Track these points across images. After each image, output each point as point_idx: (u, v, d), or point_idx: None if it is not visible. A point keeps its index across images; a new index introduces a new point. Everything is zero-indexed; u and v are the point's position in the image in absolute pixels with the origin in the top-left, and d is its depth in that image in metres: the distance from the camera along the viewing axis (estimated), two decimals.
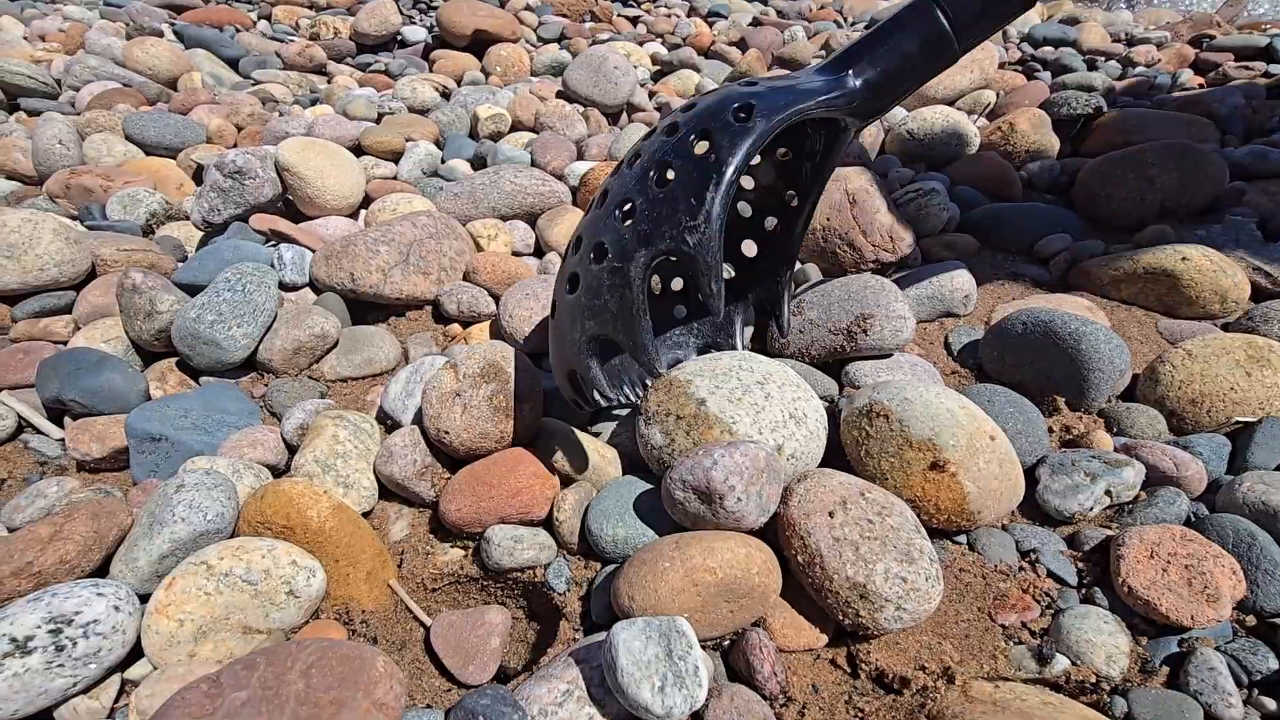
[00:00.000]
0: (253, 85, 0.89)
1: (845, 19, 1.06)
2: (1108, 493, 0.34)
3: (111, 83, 0.83)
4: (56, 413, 0.39)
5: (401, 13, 1.09)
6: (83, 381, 0.38)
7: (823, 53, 0.93)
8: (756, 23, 1.01)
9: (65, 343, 0.43)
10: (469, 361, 0.35)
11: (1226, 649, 0.27)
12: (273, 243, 0.50)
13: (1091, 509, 0.34)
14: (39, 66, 0.85)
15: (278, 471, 0.36)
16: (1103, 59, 0.89)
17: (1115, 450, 0.36)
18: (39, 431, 0.39)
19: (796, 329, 0.44)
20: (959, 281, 0.50)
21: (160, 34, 1.00)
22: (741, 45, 0.93)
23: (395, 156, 0.64)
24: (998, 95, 0.80)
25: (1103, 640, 0.28)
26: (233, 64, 0.98)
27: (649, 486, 0.34)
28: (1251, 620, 0.29)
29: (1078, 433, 0.38)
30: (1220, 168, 0.60)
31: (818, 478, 0.31)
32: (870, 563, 0.27)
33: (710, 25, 1.03)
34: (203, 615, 0.27)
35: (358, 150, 0.65)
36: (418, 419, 0.36)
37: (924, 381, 0.36)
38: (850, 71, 0.35)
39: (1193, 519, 0.33)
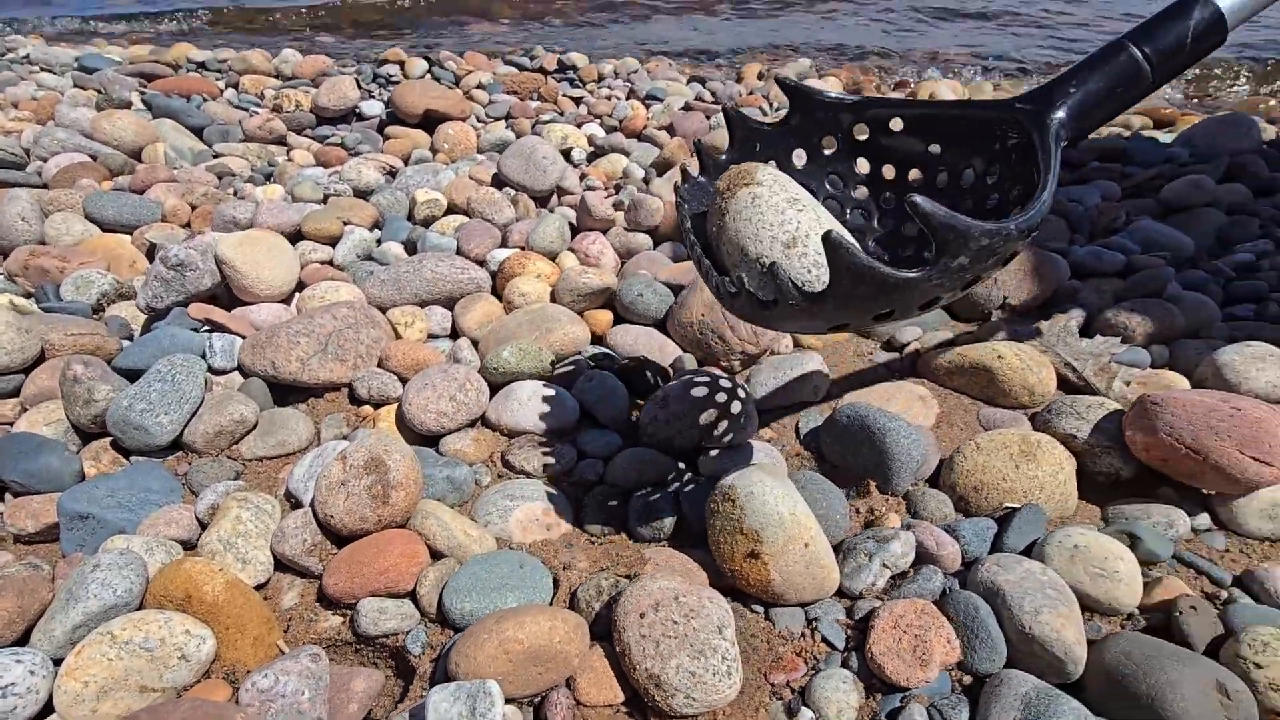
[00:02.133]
0: (212, 158, 0.97)
1: (771, 105, 1.17)
2: (885, 566, 0.41)
3: (78, 155, 0.90)
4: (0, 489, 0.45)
5: (360, 87, 1.18)
6: (22, 464, 0.44)
7: None
8: (688, 108, 1.12)
9: (12, 424, 0.49)
10: (355, 454, 0.42)
11: (934, 703, 0.34)
12: (207, 329, 0.57)
13: (875, 584, 0.41)
14: (9, 138, 0.92)
15: (190, 546, 0.42)
16: None
17: (900, 529, 0.44)
18: None
19: (662, 420, 0.51)
20: (811, 371, 0.58)
21: (129, 104, 1.08)
22: (671, 130, 1.03)
23: (333, 241, 0.72)
24: None
25: (838, 697, 0.35)
26: (198, 132, 1.06)
27: (507, 563, 0.41)
28: (968, 679, 0.36)
29: (878, 515, 0.46)
30: (1059, 267, 0.70)
31: (644, 583, 0.38)
32: (666, 659, 0.34)
33: (647, 108, 1.14)
34: (105, 677, 0.33)
35: (299, 235, 0.72)
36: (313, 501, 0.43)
37: (775, 478, 0.43)
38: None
39: (946, 593, 0.40)
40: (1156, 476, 0.48)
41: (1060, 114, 0.39)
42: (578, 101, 1.16)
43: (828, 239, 0.33)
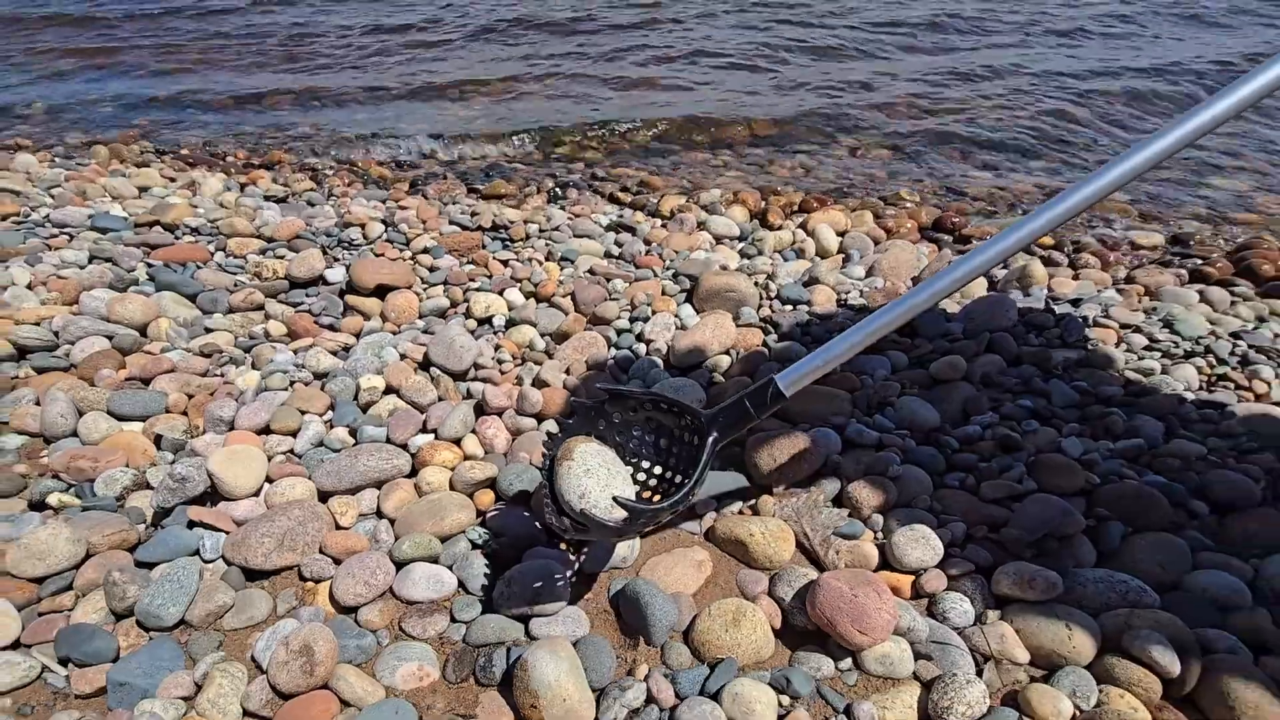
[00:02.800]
0: (204, 331, 1.23)
1: (665, 263, 1.44)
2: (624, 706, 0.66)
3: (99, 339, 1.16)
4: (64, 660, 0.70)
5: (325, 253, 1.45)
6: (82, 647, 0.68)
7: (629, 309, 1.29)
8: (592, 271, 1.39)
9: (71, 611, 0.74)
10: (294, 641, 0.67)
11: None
12: (199, 527, 0.82)
13: (617, 718, 0.66)
14: (42, 327, 1.18)
15: (189, 698, 0.67)
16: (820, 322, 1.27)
17: (640, 679, 0.69)
18: (54, 673, 0.69)
19: (507, 595, 0.76)
20: (626, 542, 0.83)
21: (136, 280, 1.34)
22: (574, 297, 1.30)
23: (294, 433, 0.98)
24: (735, 356, 1.16)
25: None
26: (192, 298, 1.33)
27: (390, 709, 0.66)
28: None
29: (634, 664, 0.71)
30: (830, 442, 0.96)
31: None
32: None
33: (561, 269, 1.41)
34: None
35: (269, 428, 0.98)
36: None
37: (553, 651, 0.67)
38: None
39: None
40: (825, 631, 0.73)
41: (714, 434, 0.74)
42: (505, 264, 1.43)
43: (583, 512, 0.68)
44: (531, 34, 4.85)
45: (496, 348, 1.17)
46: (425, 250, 1.44)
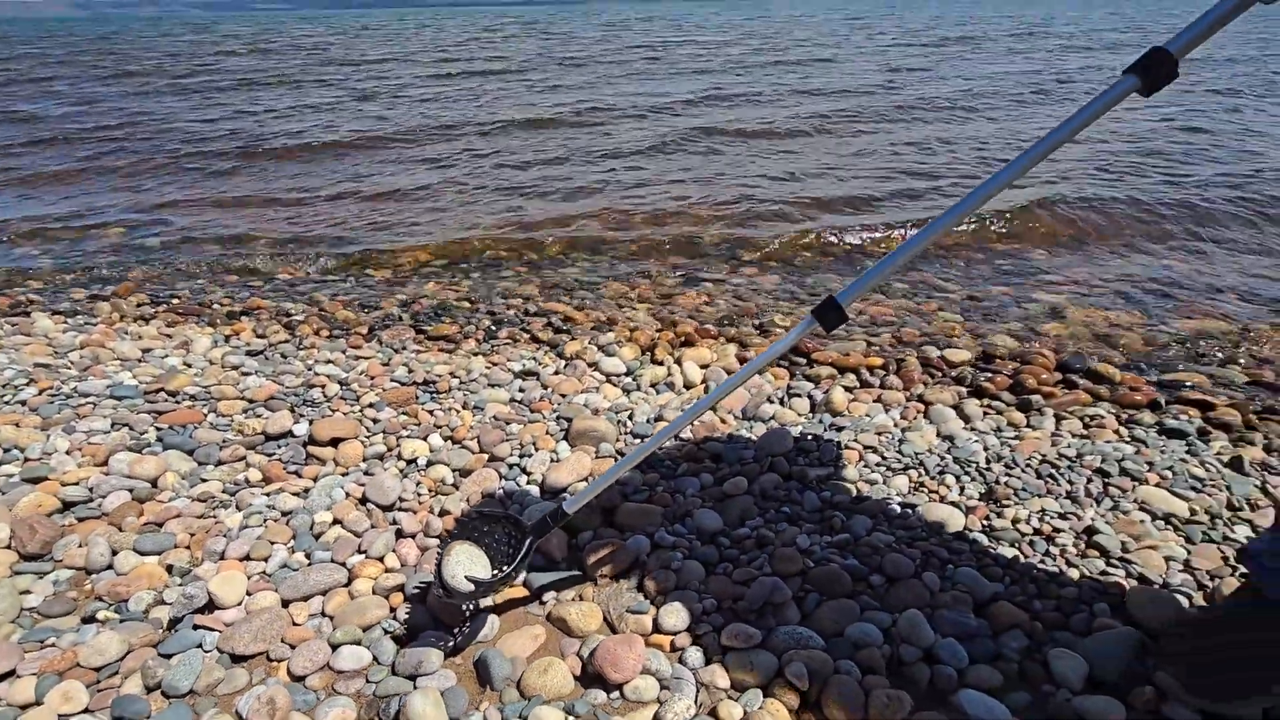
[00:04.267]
0: (200, 481, 1.71)
1: (553, 406, 1.96)
2: None
3: (123, 493, 1.64)
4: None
5: (293, 411, 1.95)
6: (126, 710, 1.13)
7: (519, 448, 1.80)
8: (495, 417, 1.90)
9: (119, 687, 1.18)
10: (263, 697, 1.12)
11: None
12: (201, 629, 1.27)
13: None
14: (80, 486, 1.65)
15: None
16: None
17: (484, 711, 1.13)
18: None
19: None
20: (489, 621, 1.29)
21: (149, 442, 1.83)
22: (479, 440, 1.81)
23: (266, 558, 1.44)
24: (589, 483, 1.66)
25: None
26: (191, 453, 1.81)
27: None
28: None
29: (483, 704, 1.16)
30: (639, 545, 1.44)
31: None
32: None
33: (473, 416, 1.92)
34: None
35: (249, 555, 1.44)
36: None
37: (430, 695, 1.13)
38: None
39: None
40: (601, 674, 1.19)
41: (530, 537, 1.21)
42: (431, 413, 1.94)
43: (444, 584, 1.19)
44: (487, 171, 5.61)
45: (418, 484, 1.66)
46: (371, 405, 1.95)
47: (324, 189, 5.37)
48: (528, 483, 1.66)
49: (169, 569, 1.43)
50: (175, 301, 3.25)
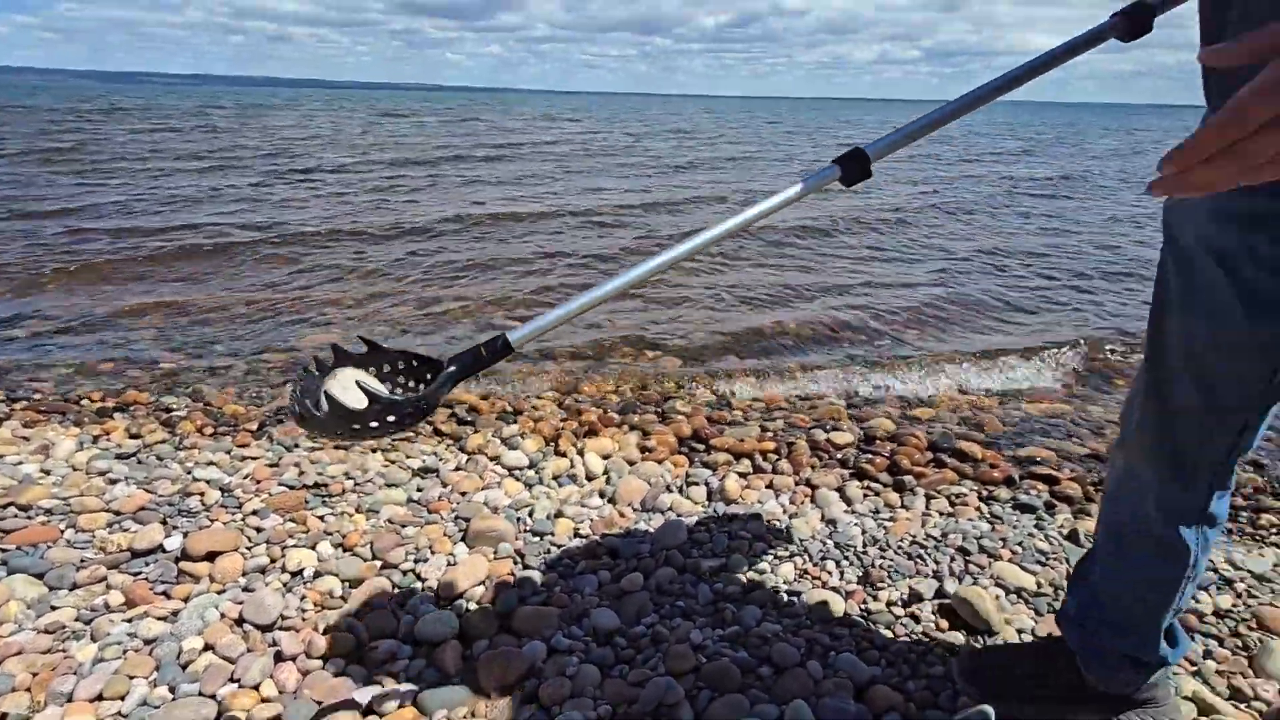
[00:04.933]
0: (50, 609, 1.56)
1: (452, 505, 1.94)
2: None
3: None
4: None
5: (166, 523, 1.83)
6: None
7: (414, 553, 1.75)
8: (390, 521, 1.86)
9: None
10: None
11: None
12: None
13: None
14: None
15: None
16: None
17: None
18: None
19: None
20: None
21: None
22: (372, 546, 1.75)
23: (122, 697, 1.32)
24: (488, 586, 1.64)
25: None
26: (41, 577, 1.65)
27: None
28: None
29: None
30: (535, 651, 1.43)
31: None
32: None
33: (367, 520, 1.87)
34: None
35: (101, 696, 1.32)
36: None
37: None
38: None
39: None
40: None
41: (452, 367, 0.91)
42: (321, 518, 1.87)
43: (330, 397, 0.85)
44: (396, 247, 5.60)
45: (302, 598, 1.58)
46: (255, 512, 1.86)
47: (219, 278, 5.17)
48: (423, 590, 1.62)
49: (3, 715, 1.28)
50: (37, 397, 2.99)
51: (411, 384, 1.00)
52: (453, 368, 0.92)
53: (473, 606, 1.57)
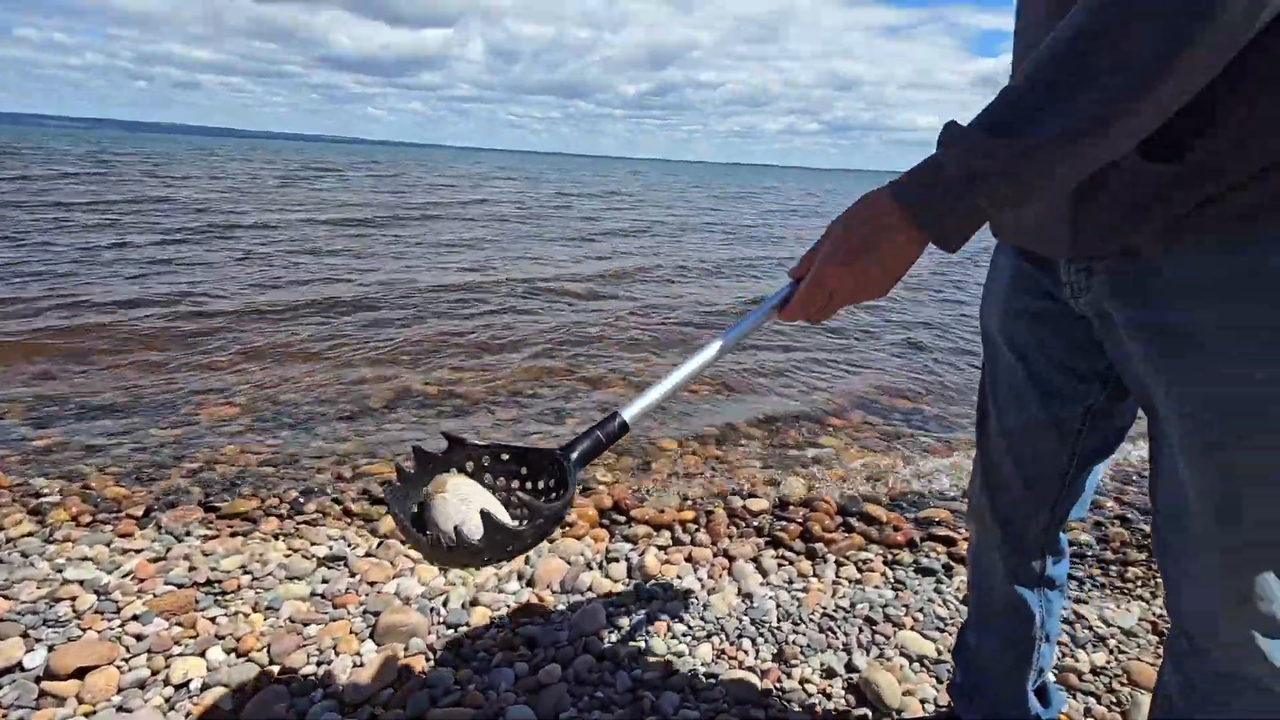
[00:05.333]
0: None
1: (360, 598, 1.85)
2: None
3: None
4: None
5: (27, 635, 1.64)
6: None
7: (317, 653, 1.65)
8: (291, 619, 1.74)
9: None
10: None
11: None
12: None
13: None
14: None
15: None
16: None
17: None
18: None
19: None
20: None
21: None
22: (269, 649, 1.63)
23: None
24: (397, 686, 1.55)
25: None
26: None
27: None
28: None
29: None
30: None
31: None
32: None
33: (265, 619, 1.74)
34: None
35: None
36: None
37: None
38: None
39: None
40: None
41: (575, 457, 0.81)
42: (213, 620, 1.73)
43: (483, 513, 0.71)
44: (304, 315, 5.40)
45: (187, 715, 1.45)
46: (135, 617, 1.70)
47: (105, 344, 4.81)
48: (325, 695, 1.52)
49: None
50: None
51: (501, 480, 0.87)
52: (573, 457, 0.82)
53: (381, 712, 1.49)
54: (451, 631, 1.73)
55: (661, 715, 1.49)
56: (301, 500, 2.57)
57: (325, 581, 1.92)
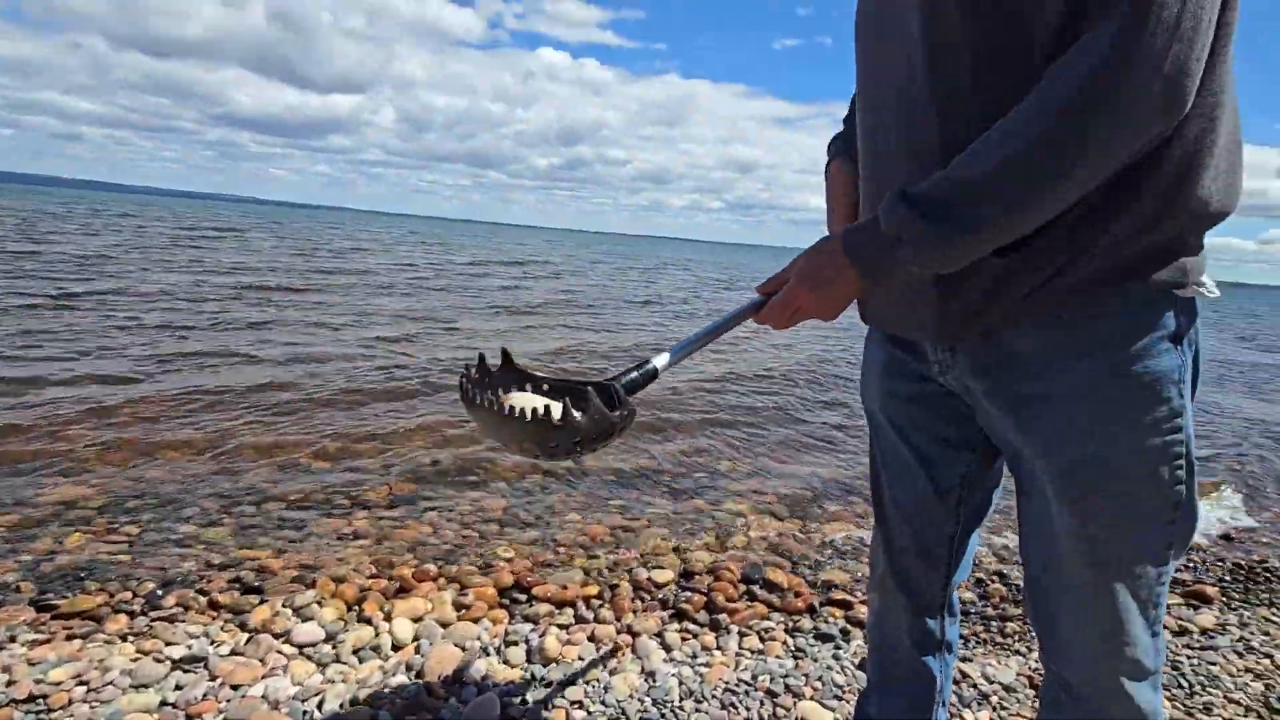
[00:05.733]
0: None
1: (220, 704, 1.64)
2: None
3: None
4: None
5: None
6: None
7: None
8: None
9: None
10: None
11: None
12: None
13: None
14: None
15: None
16: None
17: None
18: None
19: None
20: None
21: None
22: None
23: None
24: None
25: None
26: None
27: None
28: None
29: None
30: None
31: None
32: None
33: None
34: None
35: None
36: None
37: None
38: None
39: None
40: None
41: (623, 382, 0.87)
42: None
43: (575, 390, 0.84)
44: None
45: None
46: None
47: None
48: None
49: None
50: None
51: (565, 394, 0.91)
52: (622, 383, 0.88)
53: None
54: None
55: None
56: (160, 593, 2.29)
57: (179, 688, 1.70)
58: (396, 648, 1.97)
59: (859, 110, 0.96)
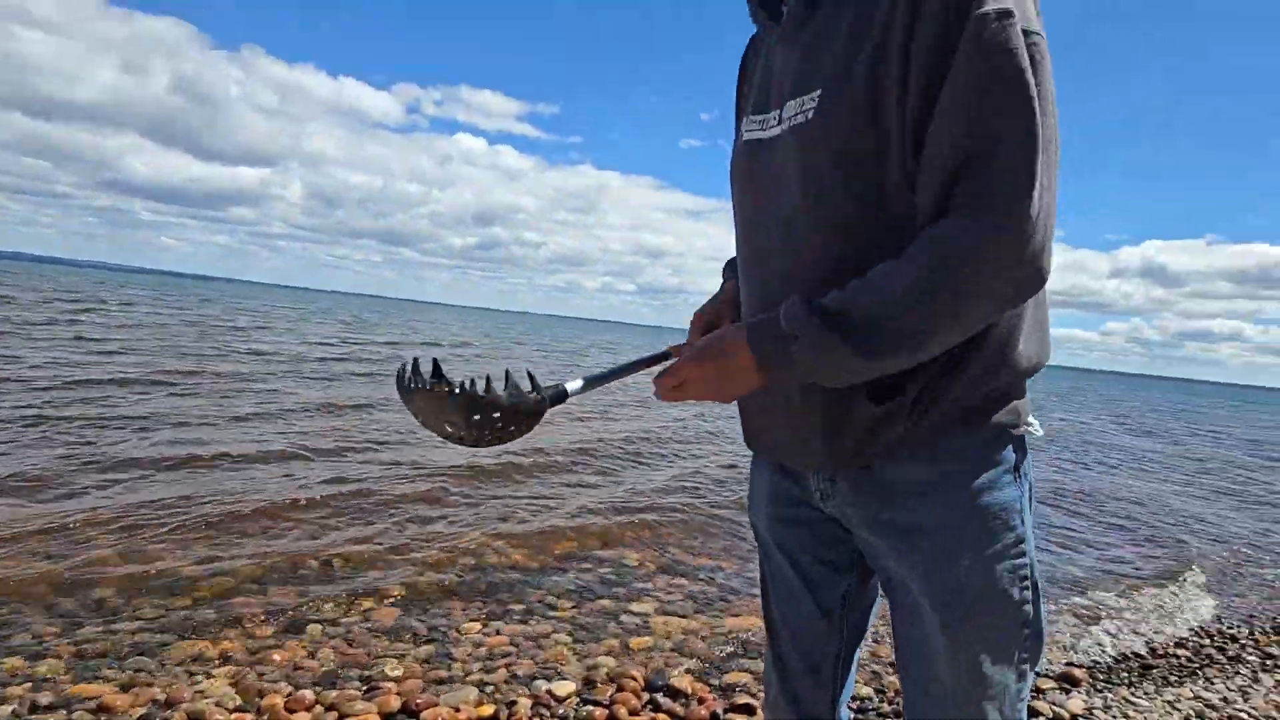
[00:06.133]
0: None
1: None
2: None
3: None
4: None
5: None
6: None
7: None
8: None
9: None
10: None
11: None
12: None
13: None
14: None
15: None
16: None
17: None
18: None
19: None
20: None
21: None
22: None
23: None
24: None
25: None
26: None
27: None
28: None
29: None
30: None
31: None
32: None
33: None
34: None
35: None
36: None
37: None
38: None
39: None
40: None
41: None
42: None
43: (506, 372, 0.90)
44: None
45: None
46: None
47: None
48: None
49: None
50: None
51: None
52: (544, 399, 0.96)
53: None
54: None
55: None
56: None
57: None
58: None
59: (737, 243, 1.06)
